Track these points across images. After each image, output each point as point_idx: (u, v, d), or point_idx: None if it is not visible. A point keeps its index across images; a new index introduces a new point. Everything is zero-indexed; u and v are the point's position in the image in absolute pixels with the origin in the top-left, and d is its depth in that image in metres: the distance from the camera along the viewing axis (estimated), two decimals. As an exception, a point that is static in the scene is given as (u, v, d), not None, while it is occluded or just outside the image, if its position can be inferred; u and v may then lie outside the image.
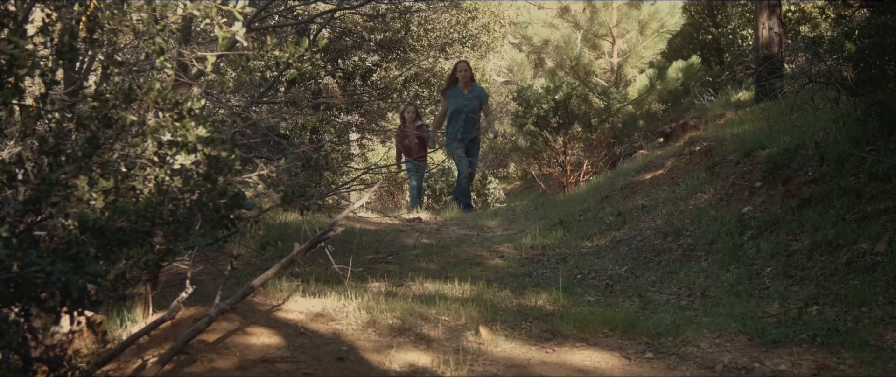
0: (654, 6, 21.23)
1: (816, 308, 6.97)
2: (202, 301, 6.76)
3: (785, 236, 8.86)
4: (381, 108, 18.81)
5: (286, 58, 5.18)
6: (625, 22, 21.18)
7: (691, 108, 21.04)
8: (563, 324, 6.89)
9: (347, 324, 6.53)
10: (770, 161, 10.44)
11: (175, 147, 4.65)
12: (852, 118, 9.88)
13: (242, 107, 9.15)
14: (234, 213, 4.68)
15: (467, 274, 8.98)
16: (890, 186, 8.34)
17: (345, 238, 10.05)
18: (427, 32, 17.55)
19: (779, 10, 17.17)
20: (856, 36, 10.01)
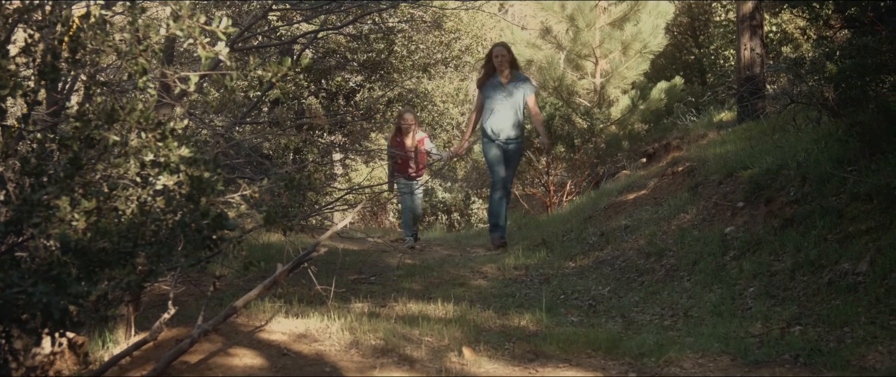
0: (637, 27, 21.30)
1: (799, 328, 6.98)
2: (185, 322, 6.74)
3: (767, 256, 8.88)
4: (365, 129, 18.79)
5: (269, 78, 5.18)
6: (608, 43, 21.25)
7: (674, 129, 21.09)
8: (546, 344, 6.89)
9: (330, 345, 6.52)
10: (752, 181, 10.48)
11: (157, 167, 4.64)
12: (834, 139, 9.92)
13: (225, 127, 9.15)
14: (216, 234, 4.67)
15: (451, 294, 8.98)
16: (871, 206, 8.37)
17: (328, 258, 10.04)
18: (410, 53, 17.57)
19: (760, 31, 17.25)
20: (837, 57, 10.06)
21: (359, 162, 20.88)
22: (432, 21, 16.06)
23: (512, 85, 12.54)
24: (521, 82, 12.63)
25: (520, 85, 12.58)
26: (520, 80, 12.67)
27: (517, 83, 12.59)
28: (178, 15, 4.68)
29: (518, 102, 12.53)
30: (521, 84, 12.61)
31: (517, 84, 12.58)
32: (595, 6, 21.54)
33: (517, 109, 12.53)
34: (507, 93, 12.47)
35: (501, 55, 12.46)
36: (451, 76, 20.89)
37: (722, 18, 26.16)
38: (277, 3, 10.11)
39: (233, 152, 9.35)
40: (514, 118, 12.50)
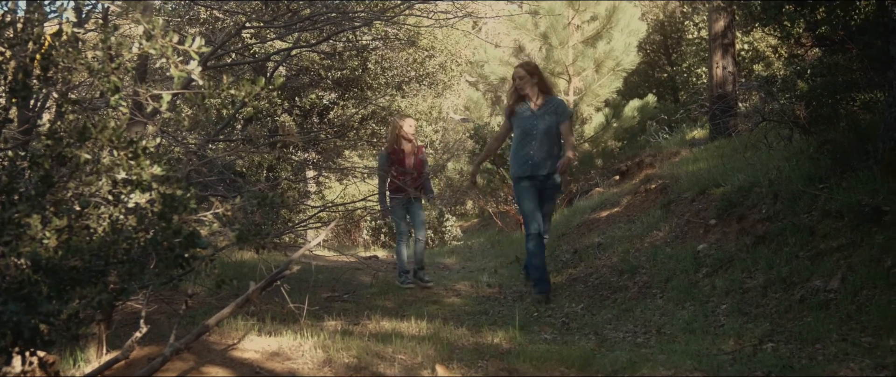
0: (610, 45, 21.37)
1: (771, 345, 7.01)
2: (157, 340, 6.72)
3: (739, 273, 8.92)
4: (338, 146, 18.78)
5: (242, 96, 5.18)
6: (581, 60, 21.31)
7: (647, 146, 21.19)
8: (520, 362, 6.89)
9: (303, 363, 6.50)
10: (724, 199, 10.53)
11: (130, 185, 4.62)
12: (805, 156, 9.99)
13: (198, 144, 9.14)
14: (188, 252, 4.66)
15: (424, 312, 8.99)
16: (843, 224, 8.42)
17: (301, 276, 10.03)
18: (384, 71, 17.58)
19: (732, 50, 17.38)
20: (808, 75, 10.14)
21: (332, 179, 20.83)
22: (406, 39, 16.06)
23: (544, 112, 10.10)
24: (554, 107, 10.14)
25: (554, 111, 10.12)
26: (553, 104, 10.18)
27: (550, 109, 10.12)
28: (151, 34, 4.68)
29: (553, 131, 10.09)
30: (554, 110, 10.13)
31: (550, 110, 10.11)
32: (568, 24, 21.61)
33: (554, 140, 10.11)
34: (540, 122, 10.04)
35: (522, 78, 10.16)
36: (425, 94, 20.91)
37: (694, 36, 26.32)
38: (251, 21, 10.11)
39: (206, 170, 9.33)
40: (550, 150, 10.08)
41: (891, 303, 7.02)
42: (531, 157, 10.05)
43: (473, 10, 16.91)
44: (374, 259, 15.18)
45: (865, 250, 7.86)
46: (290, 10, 10.22)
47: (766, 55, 21.50)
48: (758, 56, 22.26)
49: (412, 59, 18.42)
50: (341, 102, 17.67)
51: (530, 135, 10.07)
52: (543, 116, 10.07)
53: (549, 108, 10.12)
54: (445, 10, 11.57)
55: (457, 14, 11.84)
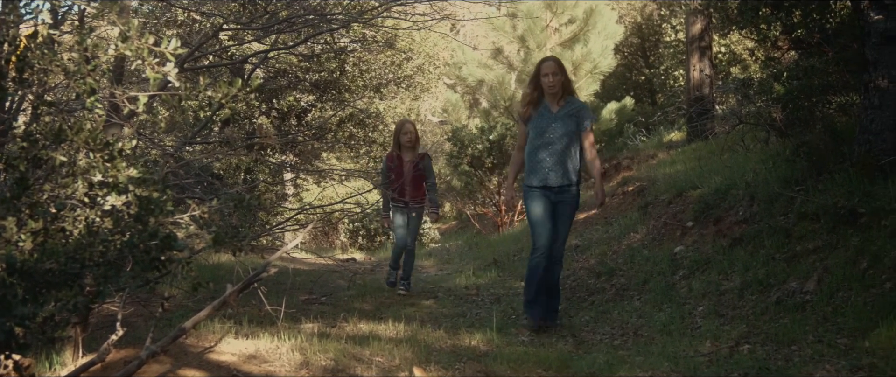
0: (587, 47, 21.43)
1: (747, 347, 7.03)
2: (133, 343, 6.69)
3: (716, 276, 8.95)
4: (316, 149, 18.74)
5: (219, 98, 5.16)
6: (558, 63, 21.32)
7: (624, 149, 21.23)
8: (497, 364, 6.89)
9: (281, 366, 6.49)
10: (701, 201, 10.57)
11: (106, 188, 4.61)
12: (781, 159, 10.02)
13: (175, 147, 9.11)
14: (165, 255, 4.64)
15: (401, 314, 8.98)
16: (819, 226, 8.45)
17: (278, 279, 10.01)
18: (362, 73, 17.56)
19: (709, 52, 17.44)
20: (784, 78, 10.18)
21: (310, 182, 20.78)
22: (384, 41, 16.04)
23: (565, 114, 8.71)
24: (576, 111, 8.75)
25: (576, 114, 8.73)
26: (575, 107, 8.78)
27: (572, 112, 8.73)
28: (127, 35, 4.66)
29: (572, 138, 8.71)
30: (576, 113, 8.73)
31: (572, 113, 8.72)
32: (546, 27, 21.67)
33: (572, 147, 8.72)
34: (559, 125, 8.67)
35: (553, 74, 8.70)
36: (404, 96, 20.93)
37: (672, 39, 26.38)
38: (228, 22, 10.08)
39: (182, 172, 9.30)
40: (568, 159, 8.68)
41: (866, 304, 7.05)
42: (544, 163, 8.63)
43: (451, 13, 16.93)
44: (352, 261, 15.16)
45: (841, 252, 7.90)
46: (268, 12, 10.20)
47: (742, 58, 21.55)
48: (735, 59, 22.31)
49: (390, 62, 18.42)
50: (319, 105, 17.64)
51: (546, 138, 8.67)
52: (564, 119, 8.65)
53: (571, 110, 8.70)
54: (423, 13, 11.57)
55: (434, 16, 11.83)
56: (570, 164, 8.65)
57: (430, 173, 10.90)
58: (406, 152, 10.79)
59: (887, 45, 8.33)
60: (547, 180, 8.61)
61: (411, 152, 10.80)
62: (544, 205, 8.63)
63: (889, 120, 8.38)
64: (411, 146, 10.80)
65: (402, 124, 10.95)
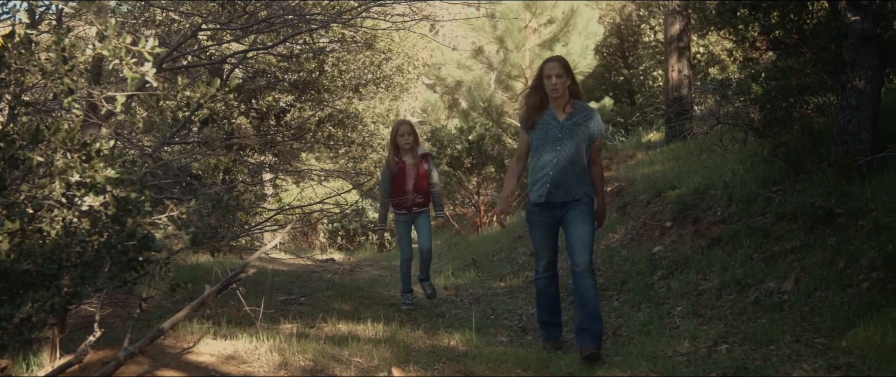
0: (567, 48, 21.45)
1: (726, 346, 7.06)
2: (111, 344, 6.66)
3: (695, 276, 8.98)
4: (295, 149, 18.69)
5: (197, 98, 5.15)
6: (537, 63, 21.33)
7: (603, 149, 21.26)
8: (476, 364, 6.90)
9: (259, 367, 6.47)
10: (680, 201, 10.60)
11: (83, 188, 4.59)
12: (759, 159, 10.06)
13: (154, 147, 9.09)
14: (143, 255, 4.63)
15: (380, 315, 8.96)
16: (796, 226, 8.49)
17: (257, 279, 9.99)
18: (341, 73, 17.50)
19: (688, 53, 17.48)
20: (762, 79, 10.22)
21: (289, 182, 20.75)
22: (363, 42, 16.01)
23: (573, 123, 7.53)
24: (585, 118, 7.56)
25: (585, 121, 7.55)
26: (584, 115, 7.59)
27: (580, 119, 7.56)
28: (104, 35, 4.65)
29: (581, 147, 7.53)
30: (585, 120, 7.55)
31: (580, 120, 7.55)
32: (525, 27, 21.69)
33: (580, 157, 7.55)
34: (566, 136, 7.51)
35: (557, 76, 7.54)
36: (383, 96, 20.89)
37: (651, 40, 26.45)
38: (207, 22, 10.06)
39: (161, 172, 9.28)
40: (576, 170, 7.52)
41: (843, 304, 7.09)
42: (549, 178, 7.47)
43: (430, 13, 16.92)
44: (331, 262, 15.14)
45: (819, 252, 7.93)
46: (247, 13, 10.18)
47: (721, 58, 21.64)
48: (713, 59, 22.40)
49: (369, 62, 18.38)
50: (298, 105, 17.58)
51: (551, 151, 7.49)
52: (572, 129, 7.48)
53: (580, 117, 7.51)
54: (402, 13, 11.56)
55: (414, 17, 11.83)
56: (579, 179, 7.48)
57: (433, 174, 9.90)
58: (406, 155, 9.68)
59: (864, 46, 8.38)
60: (551, 197, 7.48)
61: (412, 155, 9.70)
62: (547, 225, 7.68)
63: (866, 120, 8.42)
64: (411, 148, 9.69)
65: (398, 125, 9.81)
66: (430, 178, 9.84)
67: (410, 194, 9.68)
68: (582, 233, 7.45)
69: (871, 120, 8.45)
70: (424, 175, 9.77)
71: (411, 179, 9.68)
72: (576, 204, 7.48)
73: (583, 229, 7.45)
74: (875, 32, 8.47)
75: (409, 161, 9.69)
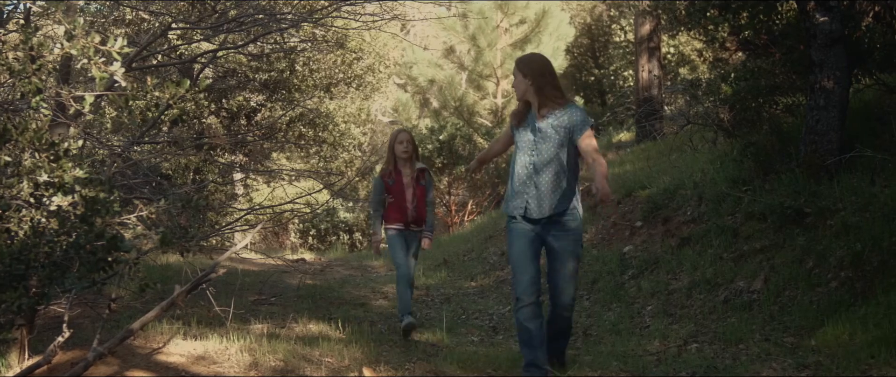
0: (538, 48, 21.51)
1: (695, 345, 7.09)
2: (80, 344, 6.63)
3: (665, 275, 9.01)
4: (266, 149, 18.64)
5: (167, 98, 5.13)
6: (509, 63, 21.43)
7: (596, 139, 21.32)
8: (447, 364, 6.90)
9: (229, 367, 6.46)
10: (650, 201, 10.63)
11: (51, 188, 4.57)
12: (729, 159, 10.11)
13: (123, 147, 9.04)
14: (112, 256, 4.61)
15: (351, 315, 8.95)
16: (765, 226, 8.54)
17: (227, 279, 9.95)
18: (312, 72, 17.46)
19: (658, 53, 17.56)
20: (732, 79, 10.27)
21: (260, 182, 20.69)
22: (334, 41, 15.98)
23: (550, 124, 6.52)
24: (566, 117, 6.51)
25: (565, 121, 6.50)
26: (565, 116, 6.52)
27: (559, 123, 6.50)
28: (73, 34, 4.62)
29: (562, 150, 6.53)
30: (566, 120, 6.50)
31: (559, 124, 6.50)
32: (497, 27, 21.73)
33: (563, 166, 6.55)
34: (543, 141, 6.54)
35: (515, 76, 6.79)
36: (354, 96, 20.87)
37: (621, 40, 26.55)
38: (177, 22, 10.02)
39: (130, 172, 9.23)
40: (557, 181, 6.53)
41: (812, 303, 7.14)
42: (527, 189, 6.56)
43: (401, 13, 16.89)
44: (302, 262, 15.10)
45: (788, 251, 7.98)
46: (217, 12, 10.15)
47: (691, 59, 21.73)
48: (683, 59, 22.49)
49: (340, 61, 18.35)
50: (269, 104, 17.55)
51: (528, 158, 6.58)
52: (548, 134, 6.49)
53: (559, 121, 6.47)
54: (373, 13, 11.53)
55: (384, 16, 11.80)
56: (563, 186, 6.49)
57: (430, 190, 9.01)
58: (404, 166, 8.84)
59: (832, 46, 8.43)
60: (528, 210, 6.52)
61: (409, 166, 8.87)
62: (527, 240, 6.57)
63: (834, 120, 8.48)
64: (408, 158, 8.85)
65: (397, 134, 9.03)
66: (427, 194, 8.92)
67: (410, 209, 8.72)
68: (568, 266, 6.52)
69: (840, 120, 8.51)
70: (422, 190, 8.86)
71: (409, 193, 8.79)
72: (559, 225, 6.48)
73: (565, 268, 6.53)
74: (843, 33, 8.53)
75: (406, 172, 8.82)
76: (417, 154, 9.07)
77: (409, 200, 8.72)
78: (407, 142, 8.84)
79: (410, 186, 8.76)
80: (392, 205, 8.73)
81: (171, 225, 5.55)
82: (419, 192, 8.79)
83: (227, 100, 16.81)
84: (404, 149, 8.79)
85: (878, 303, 6.65)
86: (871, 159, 8.14)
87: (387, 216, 8.77)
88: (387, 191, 8.75)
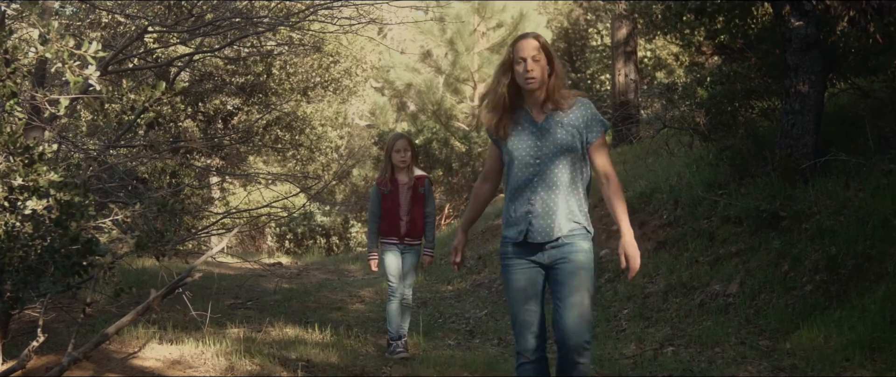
0: (515, 51, 21.52)
1: (672, 349, 7.11)
2: (55, 349, 6.60)
3: (641, 279, 9.03)
4: (243, 152, 18.61)
5: (142, 101, 5.12)
6: (486, 67, 21.44)
7: (610, 150, 21.35)
8: (424, 368, 6.90)
9: (205, 372, 6.44)
10: (627, 205, 10.65)
11: (26, 192, 4.55)
12: (705, 163, 10.15)
13: (98, 150, 9.01)
14: (87, 260, 4.60)
15: (328, 319, 8.94)
16: (741, 229, 8.57)
17: (204, 283, 9.92)
18: (289, 76, 17.43)
19: (635, 57, 17.61)
20: (708, 83, 10.31)
21: (236, 185, 20.65)
22: (311, 44, 15.94)
23: (556, 122, 5.03)
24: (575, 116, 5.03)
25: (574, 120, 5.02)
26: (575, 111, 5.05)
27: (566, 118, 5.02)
28: (47, 38, 4.60)
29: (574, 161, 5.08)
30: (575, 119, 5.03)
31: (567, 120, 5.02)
32: (474, 31, 21.74)
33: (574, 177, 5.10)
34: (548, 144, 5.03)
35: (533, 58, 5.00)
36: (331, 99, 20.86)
37: (598, 44, 26.59)
38: (153, 25, 9.98)
39: (106, 176, 9.20)
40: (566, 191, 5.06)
41: (787, 306, 7.17)
42: (527, 205, 5.02)
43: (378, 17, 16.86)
44: (278, 266, 15.07)
45: (763, 255, 8.02)
46: (194, 15, 10.11)
47: (667, 63, 21.81)
48: (660, 63, 22.57)
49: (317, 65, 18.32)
50: (246, 108, 17.50)
51: (529, 166, 5.02)
52: (556, 134, 4.98)
53: (569, 118, 4.99)
54: (350, 16, 11.51)
55: (361, 20, 11.79)
56: (571, 205, 5.05)
57: (430, 200, 8.33)
58: (401, 174, 8.22)
59: (807, 51, 8.48)
60: (531, 233, 4.99)
61: (407, 174, 8.24)
62: (527, 277, 5.11)
63: (809, 124, 8.53)
64: (406, 166, 8.22)
65: (394, 140, 8.38)
66: (426, 205, 8.25)
67: (404, 221, 8.14)
68: (578, 299, 4.98)
69: (815, 124, 8.56)
70: (419, 201, 8.21)
71: (405, 204, 8.17)
72: (569, 249, 5.00)
73: (579, 294, 4.99)
74: (818, 37, 8.58)
75: (403, 181, 8.18)
76: (417, 160, 8.44)
77: (403, 211, 8.14)
78: (404, 150, 8.18)
79: (406, 198, 8.16)
80: (386, 216, 8.16)
81: (147, 229, 5.53)
82: (416, 202, 8.18)
83: (203, 103, 16.76)
84: (402, 158, 8.14)
85: (852, 307, 6.69)
86: (846, 163, 8.19)
87: (381, 229, 8.18)
88: (382, 200, 8.16)
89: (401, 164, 8.13)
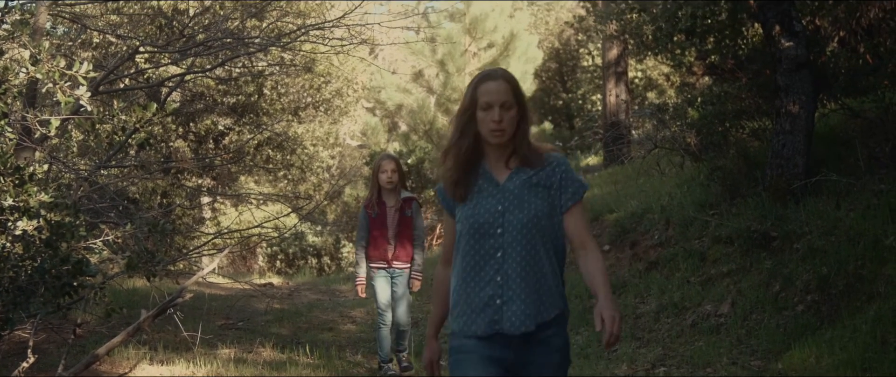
0: (507, 72, 21.55)
1: (663, 369, 7.10)
2: (46, 370, 6.58)
3: (632, 299, 9.03)
4: (234, 172, 18.58)
5: (133, 122, 5.12)
6: (478, 89, 21.46)
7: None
8: (416, 387, 6.89)
9: (196, 392, 6.42)
10: (618, 225, 10.65)
11: (16, 212, 4.54)
12: (696, 183, 10.16)
13: (89, 171, 8.99)
14: (77, 280, 4.58)
15: (319, 339, 8.92)
16: (732, 249, 8.57)
17: (195, 304, 9.90)
18: (280, 96, 17.44)
19: (625, 78, 17.65)
20: (698, 103, 10.32)
21: (227, 205, 20.61)
22: (302, 65, 15.96)
23: (522, 182, 3.88)
24: (547, 175, 3.90)
25: (545, 181, 3.90)
26: (547, 168, 3.92)
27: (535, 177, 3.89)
28: (38, 58, 4.60)
29: (543, 224, 3.88)
30: (546, 179, 3.90)
31: (536, 179, 3.89)
32: (465, 51, 21.76)
33: (543, 248, 3.90)
34: (512, 202, 3.87)
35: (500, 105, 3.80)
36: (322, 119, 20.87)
37: (589, 64, 26.66)
38: (144, 45, 9.98)
39: (97, 196, 9.18)
40: (540, 267, 3.87)
41: (779, 326, 7.16)
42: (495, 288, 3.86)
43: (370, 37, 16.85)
44: (270, 286, 15.04)
45: (754, 275, 8.02)
46: (185, 35, 10.11)
47: (658, 83, 21.86)
48: (651, 84, 22.62)
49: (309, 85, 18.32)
50: (237, 128, 17.49)
51: (492, 236, 3.88)
52: (520, 194, 3.89)
53: (539, 177, 3.91)
54: (341, 37, 11.51)
55: (353, 40, 11.79)
56: (544, 284, 3.90)
57: (418, 222, 8.25)
58: (388, 196, 8.12)
59: (798, 71, 8.50)
60: (497, 324, 3.84)
61: (394, 196, 8.13)
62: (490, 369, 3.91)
63: (800, 145, 8.54)
64: (393, 188, 8.10)
65: (380, 161, 8.27)
66: (414, 227, 8.16)
67: (391, 245, 8.02)
68: None
69: (805, 144, 8.57)
70: (407, 223, 8.12)
71: (392, 227, 8.06)
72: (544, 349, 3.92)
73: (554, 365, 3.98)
74: (808, 58, 8.60)
75: (390, 203, 8.09)
76: (404, 182, 8.36)
77: (390, 235, 8.01)
78: (391, 171, 8.06)
79: (393, 220, 8.04)
80: (373, 240, 8.02)
81: (138, 249, 5.53)
82: (404, 225, 8.06)
83: (194, 123, 16.75)
84: (388, 178, 8.03)
85: (843, 327, 6.69)
86: (837, 183, 8.20)
87: (368, 253, 8.04)
88: (371, 222, 8.05)
89: (387, 185, 8.02)
